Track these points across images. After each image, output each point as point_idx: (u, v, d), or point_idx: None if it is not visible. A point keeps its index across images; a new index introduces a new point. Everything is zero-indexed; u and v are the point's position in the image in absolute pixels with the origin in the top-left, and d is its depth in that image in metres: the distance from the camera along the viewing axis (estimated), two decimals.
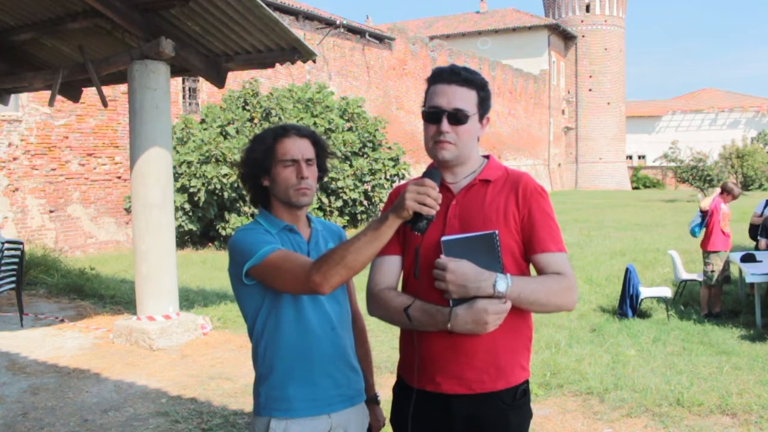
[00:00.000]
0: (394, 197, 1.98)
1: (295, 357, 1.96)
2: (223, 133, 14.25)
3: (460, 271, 1.77)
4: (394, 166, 17.11)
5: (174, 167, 11.67)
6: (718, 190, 7.96)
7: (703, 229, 7.82)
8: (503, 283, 1.77)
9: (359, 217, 16.65)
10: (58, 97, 7.49)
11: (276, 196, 2.05)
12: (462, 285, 1.77)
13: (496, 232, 1.84)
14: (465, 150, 1.90)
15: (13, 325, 7.06)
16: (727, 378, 5.18)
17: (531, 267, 1.95)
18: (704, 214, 7.73)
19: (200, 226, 14.06)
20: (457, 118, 1.86)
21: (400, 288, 1.98)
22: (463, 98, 1.87)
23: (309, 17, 20.72)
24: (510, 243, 1.87)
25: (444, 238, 1.83)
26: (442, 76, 1.90)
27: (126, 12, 6.10)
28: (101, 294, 8.56)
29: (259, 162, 2.02)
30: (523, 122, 37.28)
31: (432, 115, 1.88)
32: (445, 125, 1.86)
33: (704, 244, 7.75)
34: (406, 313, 1.83)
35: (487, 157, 2.01)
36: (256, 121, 14.85)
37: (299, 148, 2.03)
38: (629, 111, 46.78)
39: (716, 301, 7.77)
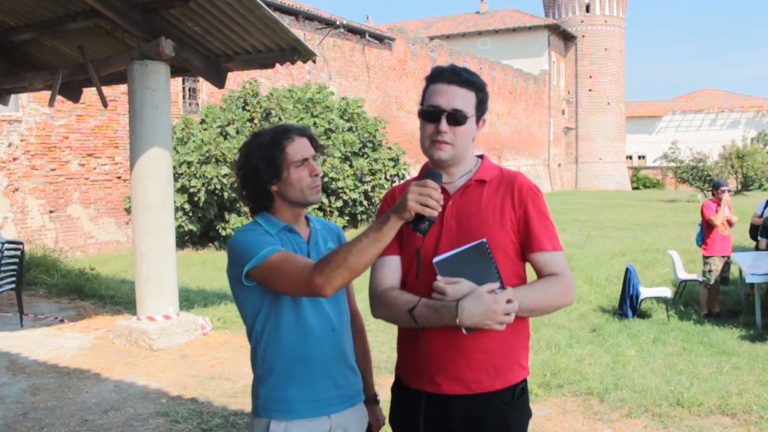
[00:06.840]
0: (389, 199, 1.99)
1: (295, 358, 1.95)
2: (223, 133, 14.26)
3: (459, 293, 1.78)
4: (394, 167, 17.12)
5: (174, 167, 11.66)
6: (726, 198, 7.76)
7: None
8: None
9: (359, 218, 16.65)
10: (58, 98, 7.49)
11: (285, 197, 2.02)
12: None
13: (485, 240, 1.84)
14: (461, 151, 1.90)
15: (13, 325, 7.06)
16: (727, 378, 5.18)
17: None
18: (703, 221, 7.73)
19: (200, 227, 14.06)
20: (456, 118, 1.86)
21: None
22: (463, 99, 1.87)
23: (309, 17, 20.72)
24: (506, 243, 1.88)
25: (436, 260, 1.84)
26: (443, 75, 1.89)
27: (126, 12, 6.10)
28: (101, 294, 8.56)
29: (270, 168, 1.99)
30: (522, 122, 37.27)
31: (431, 114, 1.88)
32: (444, 125, 1.86)
33: (703, 247, 7.75)
34: (411, 315, 1.82)
35: (480, 156, 2.01)
36: (256, 121, 14.84)
37: (305, 148, 2.04)
38: (629, 111, 46.77)
39: (715, 302, 7.78)
